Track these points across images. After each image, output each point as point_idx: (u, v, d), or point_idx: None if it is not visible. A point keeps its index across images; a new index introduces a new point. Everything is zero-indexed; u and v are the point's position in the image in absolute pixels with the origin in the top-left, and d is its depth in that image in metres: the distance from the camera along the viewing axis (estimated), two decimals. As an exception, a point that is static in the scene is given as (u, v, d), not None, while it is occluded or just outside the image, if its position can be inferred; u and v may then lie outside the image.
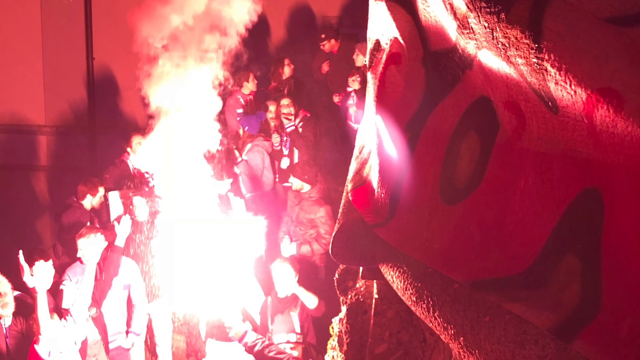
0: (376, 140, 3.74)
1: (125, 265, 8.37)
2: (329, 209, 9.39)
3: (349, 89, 11.27)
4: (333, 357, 5.21)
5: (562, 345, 2.28)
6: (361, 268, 4.51)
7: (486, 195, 2.76)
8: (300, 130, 11.17)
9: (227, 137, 10.66)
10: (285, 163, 11.20)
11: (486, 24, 2.46)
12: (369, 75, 3.93)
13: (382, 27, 3.69)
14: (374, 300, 4.55)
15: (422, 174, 3.25)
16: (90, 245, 7.64)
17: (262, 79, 12.62)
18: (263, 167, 11.25)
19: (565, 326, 2.25)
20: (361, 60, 11.07)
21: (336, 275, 5.26)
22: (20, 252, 6.56)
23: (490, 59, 2.55)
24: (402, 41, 3.41)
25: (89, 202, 9.66)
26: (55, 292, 7.49)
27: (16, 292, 7.21)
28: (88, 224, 9.19)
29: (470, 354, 2.72)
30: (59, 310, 7.08)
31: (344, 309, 5.05)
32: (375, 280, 4.49)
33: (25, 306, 7.16)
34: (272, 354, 6.19)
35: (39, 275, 6.35)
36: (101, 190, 9.79)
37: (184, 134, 7.71)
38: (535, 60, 2.22)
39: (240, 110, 11.90)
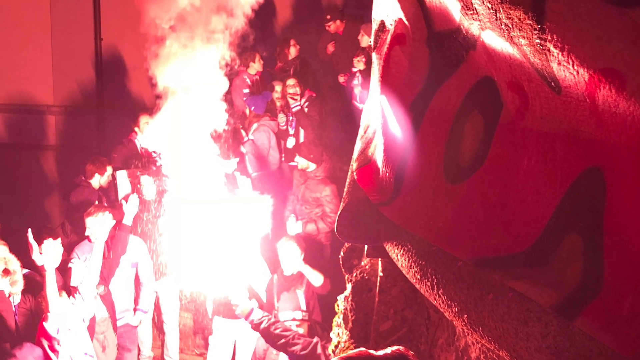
0: (381, 120, 3.74)
1: (132, 244, 8.43)
2: (334, 187, 9.42)
3: (354, 70, 11.28)
4: (338, 334, 5.24)
5: (564, 323, 2.28)
6: (366, 246, 4.53)
7: (490, 175, 2.76)
8: (306, 110, 11.18)
9: (234, 117, 10.70)
10: (291, 142, 11.23)
11: (490, 5, 2.46)
12: (374, 55, 3.93)
13: (386, 8, 3.69)
14: (378, 278, 4.57)
15: (426, 153, 3.25)
16: (98, 224, 7.70)
17: (268, 59, 12.63)
18: (269, 147, 11.28)
19: (567, 304, 2.24)
20: (366, 41, 11.07)
21: (341, 254, 5.28)
22: (29, 230, 6.60)
23: (494, 40, 2.55)
24: (406, 22, 3.40)
25: (97, 181, 9.72)
26: (63, 270, 7.55)
27: (25, 270, 7.25)
28: (96, 202, 9.25)
29: (474, 331, 2.73)
30: (67, 288, 7.14)
31: (349, 286, 5.07)
32: (380, 259, 4.51)
33: (34, 284, 7.22)
34: (278, 331, 6.23)
35: (48, 253, 6.40)
36: (109, 169, 9.85)
37: (191, 114, 7.73)
38: (538, 40, 2.22)
39: (246, 90, 11.93)
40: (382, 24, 3.78)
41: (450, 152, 3.07)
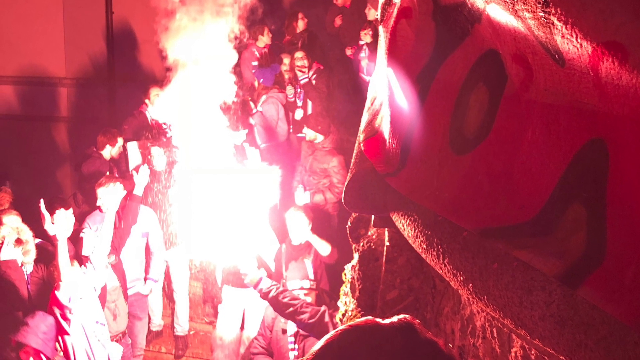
0: (387, 92, 3.75)
1: (143, 214, 8.48)
2: (341, 158, 9.46)
3: (361, 42, 11.29)
4: (345, 303, 5.29)
5: (568, 292, 2.28)
6: (373, 216, 4.55)
7: (494, 146, 2.76)
8: (313, 82, 11.19)
9: (243, 89, 10.73)
10: (299, 114, 11.25)
11: (495, -22, 2.48)
12: (381, 28, 3.93)
13: (394, -20, 3.69)
14: (385, 248, 4.60)
15: (432, 125, 3.26)
16: (109, 194, 7.75)
17: (276, 32, 12.65)
18: (277, 118, 11.31)
19: (571, 273, 2.24)
20: (373, 14, 11.06)
21: (349, 224, 5.31)
22: (42, 200, 6.64)
23: (499, 13, 2.56)
24: (413, -5, 3.41)
25: (108, 152, 9.78)
26: (75, 240, 7.62)
27: (37, 240, 7.33)
28: (107, 173, 9.31)
29: (479, 300, 2.74)
30: (79, 258, 7.20)
31: (356, 256, 5.11)
32: (386, 228, 4.54)
33: (46, 253, 7.29)
34: (286, 300, 6.28)
35: (60, 223, 6.44)
36: (120, 140, 9.90)
37: (201, 86, 7.76)
38: (542, 14, 2.22)
39: (255, 63, 11.96)
40: (389, -3, 3.78)
41: (456, 124, 3.08)
